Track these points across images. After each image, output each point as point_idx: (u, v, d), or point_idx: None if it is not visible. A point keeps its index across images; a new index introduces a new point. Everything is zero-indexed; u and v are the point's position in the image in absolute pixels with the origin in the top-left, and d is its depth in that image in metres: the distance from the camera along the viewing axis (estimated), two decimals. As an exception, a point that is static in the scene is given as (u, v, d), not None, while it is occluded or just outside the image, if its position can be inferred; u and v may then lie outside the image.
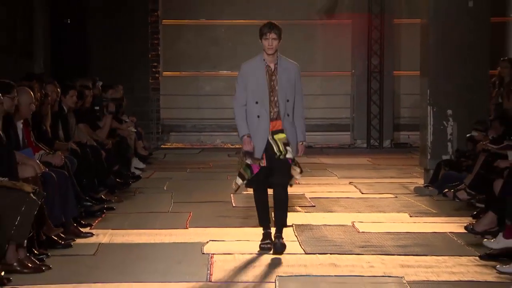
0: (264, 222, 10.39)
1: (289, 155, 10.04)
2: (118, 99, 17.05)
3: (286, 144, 10.20)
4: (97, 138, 14.39)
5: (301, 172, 10.57)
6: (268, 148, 10.04)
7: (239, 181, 10.02)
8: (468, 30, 15.83)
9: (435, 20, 16.20)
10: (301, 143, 10.30)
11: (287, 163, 10.11)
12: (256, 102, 9.86)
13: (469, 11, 15.84)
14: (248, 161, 9.97)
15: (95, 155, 13.59)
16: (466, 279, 9.13)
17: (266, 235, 10.26)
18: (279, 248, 10.14)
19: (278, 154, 9.78)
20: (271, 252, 10.16)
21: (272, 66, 10.03)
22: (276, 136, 10.00)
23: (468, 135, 14.46)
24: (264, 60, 10.05)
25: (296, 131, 10.29)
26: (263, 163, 9.78)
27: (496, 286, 8.36)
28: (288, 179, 10.40)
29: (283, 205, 10.34)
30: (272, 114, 10.01)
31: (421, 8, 17.06)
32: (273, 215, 10.50)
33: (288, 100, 10.01)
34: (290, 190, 12.58)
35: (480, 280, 8.99)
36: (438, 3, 16.14)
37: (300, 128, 10.32)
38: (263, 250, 10.30)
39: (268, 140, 10.00)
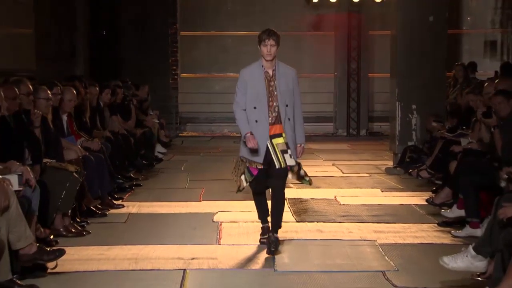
0: (263, 218, 9.22)
1: (289, 162, 8.89)
2: (138, 95, 17.11)
3: (284, 151, 8.98)
4: (127, 128, 14.41)
5: (305, 175, 9.59)
6: (267, 153, 8.82)
7: (244, 183, 8.99)
8: (428, 40, 15.81)
9: (402, 32, 16.18)
10: (299, 145, 9.12)
11: (286, 168, 8.94)
12: (255, 107, 8.68)
13: (430, 24, 15.83)
14: (247, 164, 8.80)
15: (126, 141, 13.60)
16: (426, 242, 9.30)
17: (265, 230, 9.08)
18: (274, 242, 8.75)
19: (278, 165, 8.69)
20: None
21: (270, 72, 8.79)
22: (274, 141, 8.80)
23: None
24: (262, 66, 8.84)
25: (295, 134, 9.07)
26: (261, 166, 8.69)
27: (451, 247, 8.31)
28: (285, 182, 9.29)
29: (280, 207, 9.05)
30: (270, 119, 8.78)
31: (391, 22, 17.04)
32: (270, 215, 9.18)
33: (287, 105, 8.80)
34: None
35: (438, 242, 9.18)
36: (404, 18, 16.12)
37: (299, 131, 9.12)
38: (263, 244, 9.03)
39: (267, 145, 8.78)
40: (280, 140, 8.99)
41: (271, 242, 8.77)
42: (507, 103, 9.38)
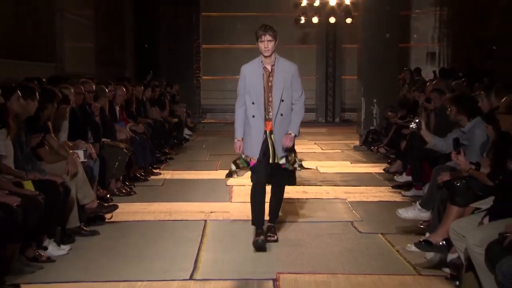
0: (257, 223, 7.00)
1: (282, 161, 7.02)
2: (171, 92, 17.25)
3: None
4: (163, 116, 14.45)
5: (298, 166, 7.37)
6: (265, 148, 7.02)
7: (233, 167, 7.14)
8: (384, 51, 15.80)
9: (365, 46, 16.17)
10: (289, 133, 6.99)
11: (280, 168, 7.07)
12: (253, 103, 6.99)
13: (386, 40, 15.84)
14: (243, 156, 7.00)
15: (162, 126, 13.65)
16: (383, 199, 9.38)
17: (259, 235, 6.82)
18: (272, 228, 7.26)
19: (271, 160, 6.97)
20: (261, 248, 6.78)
21: (269, 67, 7.09)
22: (272, 136, 7.05)
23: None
24: (262, 62, 7.19)
25: (288, 126, 7.08)
26: (255, 159, 6.86)
27: (401, 204, 8.41)
28: (285, 181, 7.33)
29: (278, 202, 7.32)
30: (270, 114, 7.02)
31: (357, 38, 17.03)
32: (268, 207, 7.38)
33: (283, 100, 6.94)
34: None
35: (392, 200, 9.25)
36: (367, 35, 16.10)
37: (293, 122, 7.07)
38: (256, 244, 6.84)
39: (266, 140, 7.00)
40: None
41: (269, 228, 7.19)
42: (440, 98, 9.52)
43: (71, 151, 7.59)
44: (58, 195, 6.51)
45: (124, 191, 9.60)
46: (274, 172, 7.01)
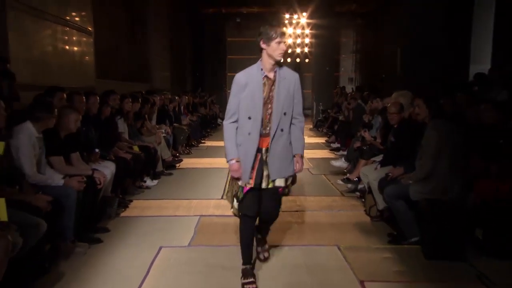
0: (246, 255, 3.44)
1: (278, 183, 3.29)
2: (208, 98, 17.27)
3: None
4: (206, 112, 14.42)
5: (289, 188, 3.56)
6: (258, 169, 3.25)
7: (235, 203, 3.36)
8: (326, 77, 15.90)
9: (316, 73, 16.22)
10: (299, 155, 3.45)
11: (277, 192, 3.33)
12: (249, 118, 3.21)
13: (327, 71, 15.89)
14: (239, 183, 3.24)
15: (206, 117, 13.64)
16: (325, 156, 9.05)
17: (247, 272, 3.35)
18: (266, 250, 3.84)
19: (265, 184, 3.26)
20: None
21: (271, 75, 3.28)
22: (267, 156, 3.29)
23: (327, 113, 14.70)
24: (261, 69, 3.33)
25: (292, 144, 3.40)
26: (251, 183, 3.21)
27: (334, 158, 8.05)
28: (278, 207, 3.44)
29: (269, 221, 3.63)
30: (267, 129, 3.25)
31: (312, 70, 17.02)
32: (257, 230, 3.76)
33: (285, 113, 3.26)
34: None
35: (329, 156, 8.87)
36: (317, 68, 16.14)
37: (300, 141, 3.45)
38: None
39: (261, 160, 3.26)
40: None
41: (262, 251, 3.81)
42: (355, 102, 9.39)
43: (158, 130, 7.70)
44: (152, 153, 6.60)
45: (185, 152, 9.55)
46: (265, 200, 3.35)
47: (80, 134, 4.69)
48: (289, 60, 18.83)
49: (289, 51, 18.17)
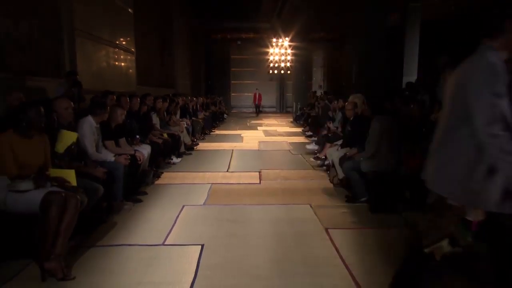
0: None
1: None
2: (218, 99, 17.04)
3: None
4: (216, 109, 14.28)
5: None
6: None
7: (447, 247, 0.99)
8: (301, 84, 15.73)
9: (295, 81, 16.08)
10: None
11: None
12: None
13: (303, 79, 15.73)
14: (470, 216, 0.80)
15: (215, 113, 13.49)
16: (301, 141, 8.79)
17: None
18: None
19: None
20: None
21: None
22: None
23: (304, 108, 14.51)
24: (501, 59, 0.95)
25: None
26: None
27: (308, 143, 7.92)
28: None
29: None
30: None
31: (292, 78, 16.83)
32: None
33: None
34: (261, 122, 13.14)
35: (304, 141, 8.64)
36: (296, 78, 15.99)
37: None
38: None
39: None
40: None
41: None
42: (324, 101, 9.34)
43: (181, 122, 7.66)
44: (177, 139, 6.55)
45: (201, 138, 9.40)
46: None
47: (126, 125, 4.69)
48: (276, 72, 18.75)
49: (276, 65, 18.12)
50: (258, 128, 12.53)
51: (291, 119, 15.62)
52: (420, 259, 1.78)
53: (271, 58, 18.51)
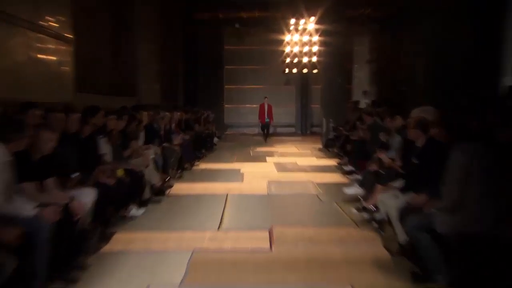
0: None
1: None
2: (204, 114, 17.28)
3: None
4: (201, 130, 14.44)
5: None
6: None
7: None
8: (337, 90, 15.89)
9: (325, 85, 16.24)
10: None
11: None
12: None
13: (338, 83, 15.92)
14: None
15: (200, 136, 13.62)
16: (337, 182, 9.07)
17: None
18: None
19: None
20: None
21: None
22: None
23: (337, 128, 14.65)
24: None
25: None
26: None
27: (347, 184, 8.24)
28: None
29: None
30: None
31: (320, 81, 17.05)
32: None
33: None
34: (272, 149, 13.49)
35: (341, 182, 8.93)
36: (326, 80, 16.17)
37: None
38: None
39: None
40: None
41: None
42: (371, 118, 9.38)
43: (145, 151, 7.69)
44: (138, 178, 6.59)
45: (177, 176, 9.51)
46: None
47: (56, 157, 4.65)
48: (295, 71, 18.99)
49: (295, 60, 18.35)
50: (267, 159, 12.87)
51: (320, 146, 15.82)
52: None
53: (287, 49, 18.61)
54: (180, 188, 8.46)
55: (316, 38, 17.48)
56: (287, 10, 18.39)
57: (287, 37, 18.47)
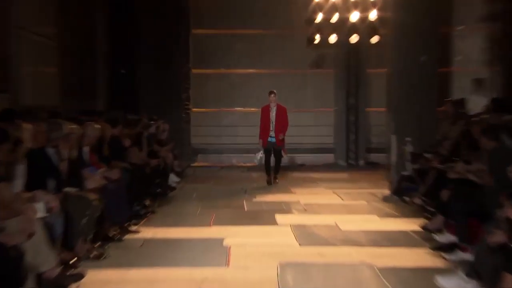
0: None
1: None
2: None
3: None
4: (142, 158, 14.41)
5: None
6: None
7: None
8: (420, 78, 15.82)
9: (396, 70, 16.21)
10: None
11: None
12: None
13: (422, 63, 15.86)
14: None
15: (142, 171, 13.58)
16: (421, 265, 9.12)
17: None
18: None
19: None
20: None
21: None
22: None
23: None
24: None
25: None
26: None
27: (443, 270, 8.29)
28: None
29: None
30: None
31: (386, 61, 17.04)
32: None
33: None
34: (288, 198, 13.61)
35: (431, 266, 8.97)
36: (398, 58, 16.15)
37: None
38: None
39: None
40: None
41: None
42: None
43: (27, 204, 7.56)
44: (8, 261, 6.46)
45: (93, 254, 9.43)
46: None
47: None
48: (333, 39, 19.01)
49: (334, 18, 18.39)
50: (278, 219, 13.28)
51: (386, 191, 16.03)
52: None
53: (317, -1, 19.03)
54: (99, 279, 8.46)
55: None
56: None
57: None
